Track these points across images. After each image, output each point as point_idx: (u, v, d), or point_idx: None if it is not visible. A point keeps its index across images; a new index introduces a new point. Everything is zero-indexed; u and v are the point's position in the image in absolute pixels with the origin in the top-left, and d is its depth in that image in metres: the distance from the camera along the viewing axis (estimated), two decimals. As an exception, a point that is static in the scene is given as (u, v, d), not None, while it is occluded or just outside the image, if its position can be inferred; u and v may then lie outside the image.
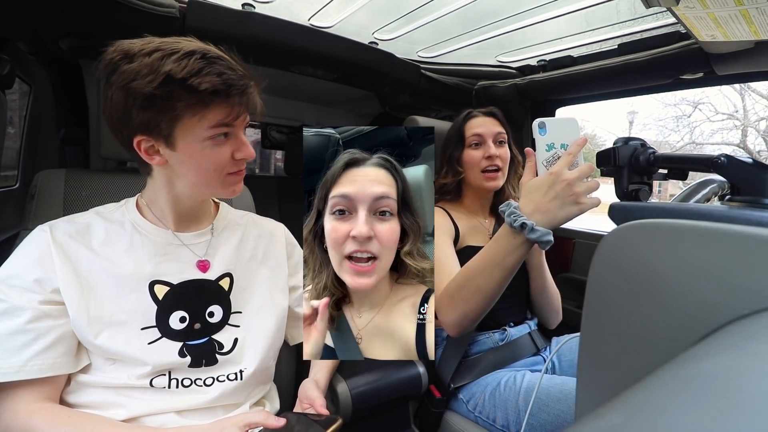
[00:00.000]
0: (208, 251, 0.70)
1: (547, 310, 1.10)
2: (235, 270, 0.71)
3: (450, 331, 0.81)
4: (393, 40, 1.32)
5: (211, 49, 0.57)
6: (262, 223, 0.80)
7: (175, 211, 0.67)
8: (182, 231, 0.68)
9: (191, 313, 0.65)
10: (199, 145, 0.58)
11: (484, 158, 1.04)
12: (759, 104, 8.02)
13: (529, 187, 0.66)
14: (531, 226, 0.63)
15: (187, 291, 0.65)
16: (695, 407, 0.15)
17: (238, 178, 0.64)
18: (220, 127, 0.57)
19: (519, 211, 0.66)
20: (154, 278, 0.63)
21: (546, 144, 0.66)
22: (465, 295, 0.75)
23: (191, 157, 0.59)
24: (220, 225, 0.74)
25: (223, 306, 0.68)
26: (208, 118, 0.56)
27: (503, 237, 0.69)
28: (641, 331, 0.32)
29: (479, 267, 0.73)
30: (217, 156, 0.59)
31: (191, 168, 0.60)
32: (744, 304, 0.26)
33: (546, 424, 0.81)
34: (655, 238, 0.33)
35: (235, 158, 0.61)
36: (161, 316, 0.63)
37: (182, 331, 0.64)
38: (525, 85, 1.43)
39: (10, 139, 1.04)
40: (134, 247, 0.64)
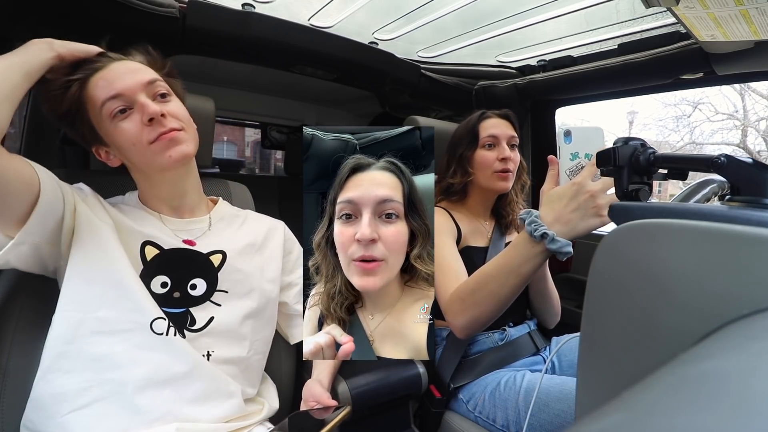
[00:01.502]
0: (202, 236, 0.72)
1: (546, 313, 1.10)
2: (230, 250, 0.71)
3: (458, 334, 0.81)
4: (393, 40, 1.32)
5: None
6: (261, 218, 0.82)
7: (163, 198, 0.71)
8: (179, 218, 0.72)
9: (174, 280, 0.65)
10: (111, 125, 0.62)
11: (498, 160, 1.02)
12: (759, 104, 8.02)
13: (550, 197, 0.65)
14: (552, 236, 0.62)
15: (175, 258, 0.67)
16: (696, 407, 0.15)
17: (162, 143, 0.63)
18: (111, 100, 0.61)
19: (540, 220, 0.65)
20: (147, 238, 0.65)
21: (570, 153, 0.65)
22: (477, 300, 0.75)
23: (114, 141, 0.64)
24: (216, 216, 0.76)
25: (208, 281, 0.68)
26: (94, 101, 0.62)
27: (521, 245, 0.68)
28: (641, 331, 0.32)
29: (493, 272, 0.72)
30: (126, 131, 0.62)
31: (121, 151, 0.65)
32: (744, 305, 0.26)
33: (546, 424, 0.81)
34: (655, 238, 0.33)
35: (144, 122, 0.62)
36: (144, 278, 0.63)
37: (161, 296, 0.64)
38: (525, 85, 1.43)
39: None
40: (136, 214, 0.68)
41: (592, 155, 0.64)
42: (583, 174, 0.63)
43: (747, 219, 0.31)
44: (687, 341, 0.27)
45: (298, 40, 1.14)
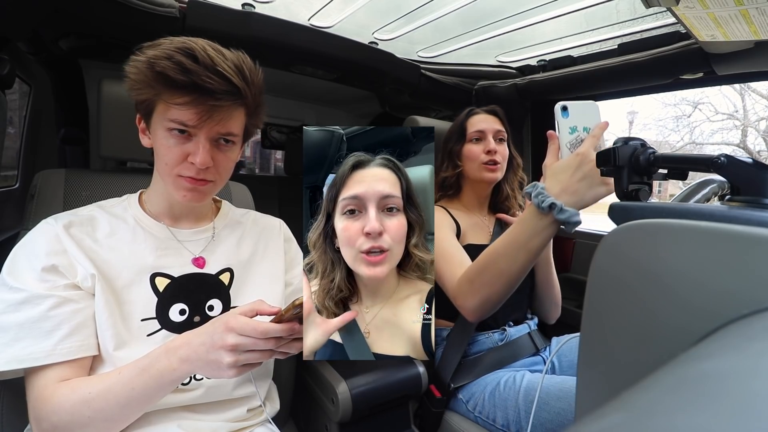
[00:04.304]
0: (207, 248, 0.70)
1: (549, 304, 1.11)
2: (235, 267, 0.71)
3: (469, 317, 0.80)
4: (393, 40, 1.32)
5: (206, 57, 0.57)
6: (262, 221, 0.81)
7: (168, 206, 0.68)
8: (179, 228, 0.70)
9: (191, 305, 0.65)
10: (162, 133, 0.60)
11: (484, 153, 1.06)
12: (759, 104, 8.02)
13: (554, 169, 0.66)
14: (560, 206, 0.63)
15: (188, 284, 0.66)
16: (696, 407, 0.15)
17: (191, 184, 0.62)
18: (176, 124, 0.59)
19: (546, 192, 0.65)
20: (155, 270, 0.64)
21: (569, 127, 0.66)
22: (486, 280, 0.75)
23: (154, 143, 0.62)
24: (220, 224, 0.74)
25: (223, 300, 0.68)
26: (171, 111, 0.58)
27: (529, 219, 0.68)
28: (641, 330, 0.32)
29: (502, 250, 0.72)
30: (171, 150, 0.60)
31: (156, 156, 0.63)
32: (744, 305, 0.26)
33: (547, 422, 0.81)
34: (655, 238, 0.33)
35: (188, 160, 0.61)
36: (161, 308, 0.63)
37: (182, 323, 0.64)
38: (525, 85, 1.43)
39: (10, 139, 1.04)
40: (137, 241, 0.65)
41: (590, 128, 0.66)
42: (586, 144, 0.63)
43: (747, 219, 0.31)
44: (687, 340, 0.27)
45: (298, 40, 1.14)
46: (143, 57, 0.57)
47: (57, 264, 0.57)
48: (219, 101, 0.58)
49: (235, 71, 0.58)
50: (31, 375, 0.55)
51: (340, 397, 0.82)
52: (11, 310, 0.54)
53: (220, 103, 0.58)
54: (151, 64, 0.56)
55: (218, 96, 0.57)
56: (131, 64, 0.59)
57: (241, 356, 0.51)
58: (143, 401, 0.55)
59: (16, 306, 0.54)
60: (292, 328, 0.51)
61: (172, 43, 0.58)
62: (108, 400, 0.53)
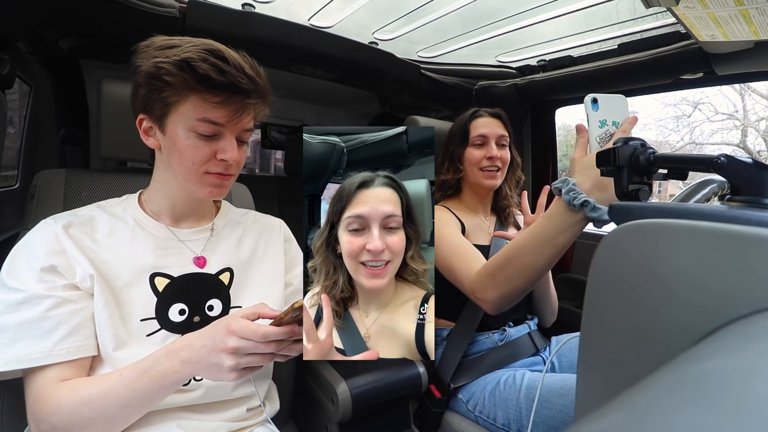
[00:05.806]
0: (207, 247, 0.70)
1: (546, 311, 1.11)
2: (235, 267, 0.71)
3: (489, 309, 0.80)
4: (393, 40, 1.32)
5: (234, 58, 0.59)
6: (262, 221, 0.81)
7: (170, 206, 0.68)
8: (180, 227, 0.69)
9: (191, 305, 0.65)
10: (184, 133, 0.60)
11: (486, 158, 1.06)
12: (759, 104, 8.01)
13: (584, 164, 0.64)
14: (593, 204, 0.61)
15: (188, 284, 0.66)
16: (696, 407, 0.15)
17: (218, 180, 0.63)
18: (207, 123, 0.59)
19: (578, 188, 0.63)
20: (155, 270, 0.64)
21: (599, 120, 0.65)
22: (509, 274, 0.74)
23: (175, 143, 0.61)
24: (220, 223, 0.74)
25: (223, 300, 0.68)
26: (198, 110, 0.58)
27: (557, 214, 0.66)
28: (641, 329, 0.32)
29: (526, 245, 0.70)
30: (199, 150, 0.60)
31: (174, 156, 0.62)
32: (744, 304, 0.26)
33: (548, 420, 0.81)
34: (656, 238, 0.33)
35: (218, 158, 0.61)
36: (161, 309, 0.63)
37: (181, 323, 0.64)
38: (525, 85, 1.43)
39: (10, 139, 1.04)
40: (136, 241, 0.65)
41: (619, 122, 0.65)
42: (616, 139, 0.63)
43: (747, 219, 0.31)
44: (687, 340, 0.27)
45: (298, 40, 1.14)
46: (172, 59, 0.56)
47: (56, 264, 0.57)
48: (250, 99, 0.61)
49: (255, 72, 0.61)
50: (30, 375, 0.55)
51: (340, 397, 0.82)
52: (10, 311, 0.54)
53: (250, 101, 0.61)
54: (192, 67, 0.56)
55: (249, 95, 0.60)
56: (163, 68, 0.56)
57: (242, 359, 0.51)
58: (144, 403, 0.55)
59: (14, 306, 0.54)
60: (292, 331, 0.52)
61: (194, 44, 0.58)
62: (108, 402, 0.53)
